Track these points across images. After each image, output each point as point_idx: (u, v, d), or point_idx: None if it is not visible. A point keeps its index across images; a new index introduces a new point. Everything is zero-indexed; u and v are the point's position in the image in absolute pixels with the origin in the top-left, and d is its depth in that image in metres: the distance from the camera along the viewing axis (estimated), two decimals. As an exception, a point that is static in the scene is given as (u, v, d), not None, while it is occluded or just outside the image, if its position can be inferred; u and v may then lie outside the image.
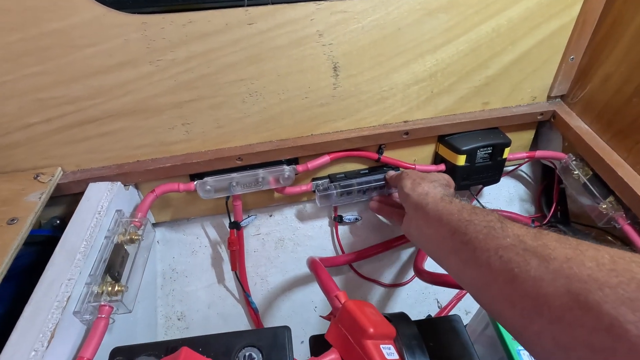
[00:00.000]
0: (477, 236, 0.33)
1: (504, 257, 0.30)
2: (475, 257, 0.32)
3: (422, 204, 0.41)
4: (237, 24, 0.45)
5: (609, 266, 0.24)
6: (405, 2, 0.49)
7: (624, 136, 0.52)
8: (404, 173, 0.49)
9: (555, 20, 0.55)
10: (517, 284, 0.28)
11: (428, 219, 0.40)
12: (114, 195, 0.48)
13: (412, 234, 0.44)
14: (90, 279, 0.40)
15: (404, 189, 0.45)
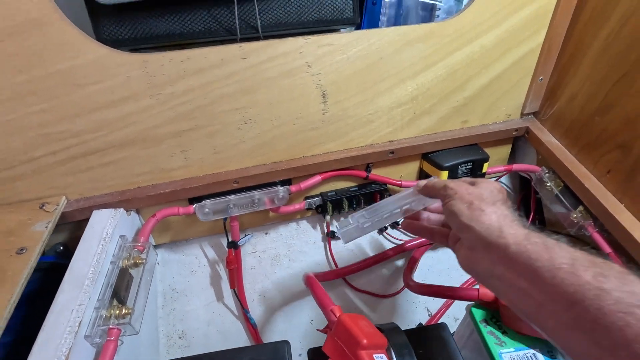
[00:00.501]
0: (614, 321, 0.24)
1: None
2: (614, 345, 0.24)
3: (497, 244, 0.31)
4: (232, 59, 0.49)
5: None
6: (386, 34, 0.53)
7: (590, 150, 0.57)
8: (451, 189, 0.37)
9: (524, 45, 0.60)
10: None
11: (514, 268, 0.30)
12: (117, 222, 0.50)
13: (481, 276, 0.35)
14: (99, 303, 0.42)
15: (460, 218, 0.35)
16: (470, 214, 0.34)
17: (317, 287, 0.48)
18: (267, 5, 0.52)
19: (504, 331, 0.45)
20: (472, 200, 0.35)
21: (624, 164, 0.51)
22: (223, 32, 0.52)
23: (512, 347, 0.44)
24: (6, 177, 0.48)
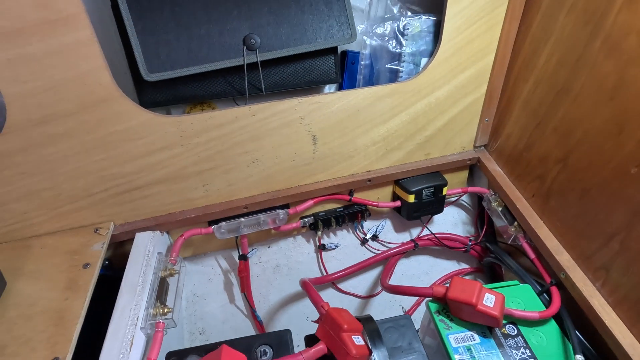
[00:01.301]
0: None
1: None
2: None
3: None
4: (244, 116, 0.64)
5: None
6: (361, 93, 0.69)
7: (521, 178, 0.73)
8: None
9: (470, 95, 0.76)
10: None
11: None
12: (155, 242, 0.65)
13: None
14: (148, 304, 0.57)
15: None
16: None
17: (310, 289, 0.63)
18: (269, 71, 0.67)
19: (452, 319, 0.61)
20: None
21: (542, 191, 0.67)
22: (235, 93, 0.68)
23: (457, 330, 0.59)
24: (70, 209, 0.62)
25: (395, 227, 0.88)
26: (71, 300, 0.53)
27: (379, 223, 0.86)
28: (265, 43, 0.63)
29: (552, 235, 0.65)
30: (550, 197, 0.66)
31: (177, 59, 0.60)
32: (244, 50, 0.62)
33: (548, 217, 0.67)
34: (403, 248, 0.82)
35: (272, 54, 0.63)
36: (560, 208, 0.63)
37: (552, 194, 0.65)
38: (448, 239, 0.85)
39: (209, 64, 0.61)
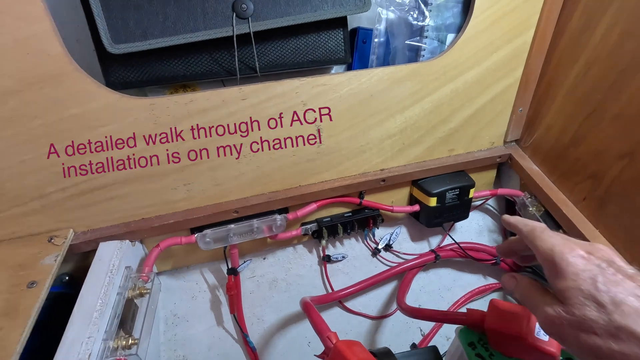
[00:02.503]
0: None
1: None
2: None
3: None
4: (232, 100, 0.52)
5: None
6: (375, 74, 0.57)
7: (566, 178, 0.61)
8: (563, 260, 0.28)
9: (503, 80, 0.64)
10: None
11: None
12: (123, 253, 0.53)
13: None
14: (107, 335, 0.44)
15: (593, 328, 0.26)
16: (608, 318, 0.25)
17: (313, 313, 0.50)
18: (265, 48, 0.56)
19: (491, 354, 0.48)
20: (597, 279, 0.27)
21: (597, 193, 0.55)
22: (224, 73, 0.56)
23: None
24: (18, 213, 0.50)
25: (412, 235, 0.76)
26: (6, 330, 0.41)
27: (393, 231, 0.74)
28: (260, 10, 0.51)
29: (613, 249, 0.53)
30: (608, 201, 0.53)
31: (150, 27, 0.48)
32: (233, 19, 0.50)
33: (606, 224, 0.54)
34: (422, 260, 0.70)
35: (267, 23, 0.52)
36: (624, 213, 0.51)
37: (611, 196, 0.53)
38: (474, 250, 0.72)
39: (190, 35, 0.50)
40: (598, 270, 0.27)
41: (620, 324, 0.25)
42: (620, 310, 0.25)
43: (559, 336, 0.28)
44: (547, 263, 0.30)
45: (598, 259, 0.28)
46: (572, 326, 0.27)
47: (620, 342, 0.25)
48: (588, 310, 0.26)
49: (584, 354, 0.26)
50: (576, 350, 0.27)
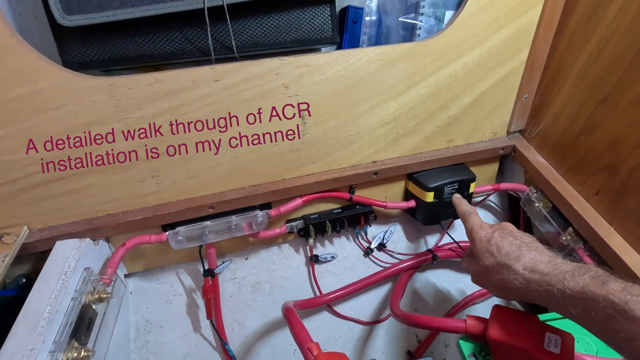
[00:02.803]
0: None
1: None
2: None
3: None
4: (204, 81, 0.47)
5: None
6: (365, 54, 0.51)
7: (577, 171, 0.55)
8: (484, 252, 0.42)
9: (507, 64, 0.59)
10: None
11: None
12: (82, 253, 0.47)
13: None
14: (55, 346, 0.39)
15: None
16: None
17: (294, 320, 0.45)
18: (242, 25, 0.50)
19: (494, 366, 0.43)
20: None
21: (612, 186, 0.50)
22: (197, 53, 0.50)
23: (502, 383, 0.41)
24: (-39, 208, 0.45)
25: (407, 234, 0.70)
26: None
27: (387, 228, 0.68)
28: (234, -21, 0.46)
29: (629, 247, 0.47)
30: (625, 194, 0.48)
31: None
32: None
33: (621, 220, 0.49)
34: (418, 260, 0.64)
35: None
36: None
37: (628, 189, 0.47)
38: (475, 250, 0.67)
39: (155, 6, 0.44)
40: (493, 237, 0.42)
41: (500, 262, 0.39)
42: (500, 254, 0.40)
43: (480, 282, 0.44)
44: (469, 237, 0.46)
45: (496, 230, 0.43)
46: (482, 273, 0.42)
47: (501, 273, 0.39)
48: (487, 259, 0.41)
49: (493, 289, 0.41)
50: (489, 288, 0.42)
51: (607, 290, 0.30)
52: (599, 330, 0.31)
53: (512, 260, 0.38)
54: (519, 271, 0.37)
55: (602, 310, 0.30)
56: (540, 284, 0.35)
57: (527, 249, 0.39)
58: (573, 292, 0.32)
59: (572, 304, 0.32)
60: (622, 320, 0.29)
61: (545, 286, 0.34)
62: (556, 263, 0.36)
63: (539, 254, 0.38)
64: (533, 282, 0.36)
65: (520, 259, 0.38)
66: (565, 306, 0.33)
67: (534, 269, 0.36)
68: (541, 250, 0.39)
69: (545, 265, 0.36)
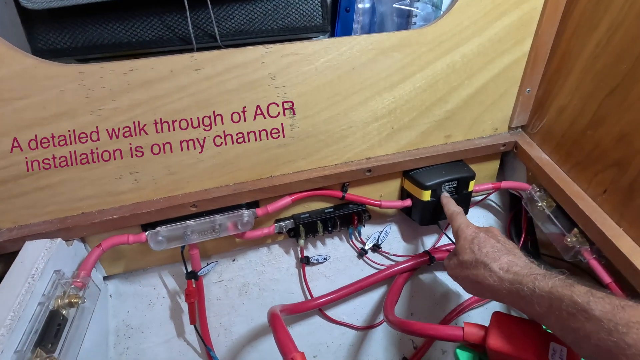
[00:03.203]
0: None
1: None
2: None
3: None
4: (183, 70, 0.43)
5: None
6: (357, 42, 0.48)
7: (583, 168, 0.52)
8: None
9: (508, 55, 0.55)
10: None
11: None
12: (52, 254, 0.44)
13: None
14: (17, 356, 0.36)
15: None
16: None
17: (279, 327, 0.42)
18: (226, 11, 0.47)
19: (493, 378, 0.40)
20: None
21: (621, 184, 0.46)
22: (177, 41, 0.47)
23: (503, 397, 0.38)
24: None
25: (403, 234, 0.67)
26: None
27: (382, 229, 0.65)
28: (215, -39, 0.43)
29: (639, 249, 0.44)
30: (635, 193, 0.45)
31: (77, -23, 0.39)
32: (181, -30, 0.42)
33: (630, 221, 0.46)
34: (414, 262, 0.61)
35: (224, -24, 0.43)
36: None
37: (639, 187, 0.44)
38: (474, 251, 0.63)
39: (128, -11, 0.41)
40: (477, 236, 0.45)
41: (479, 259, 0.42)
42: (480, 252, 0.42)
43: (455, 275, 0.46)
44: (454, 234, 0.49)
45: (482, 231, 0.46)
46: (458, 266, 0.45)
47: (477, 268, 0.41)
48: (467, 255, 0.43)
49: (466, 282, 0.44)
50: (463, 281, 0.44)
51: (572, 291, 0.32)
52: (560, 328, 0.33)
53: (490, 259, 0.41)
54: (494, 269, 0.39)
55: (565, 309, 0.32)
56: (513, 282, 0.37)
57: (507, 252, 0.41)
58: (542, 292, 0.34)
59: (539, 303, 0.34)
60: (582, 319, 0.31)
61: (516, 285, 0.36)
62: (531, 267, 0.38)
63: (516, 258, 0.40)
64: (506, 281, 0.38)
65: (498, 260, 0.40)
66: (532, 304, 0.35)
67: (509, 270, 0.39)
68: (519, 256, 0.41)
69: (520, 268, 0.38)
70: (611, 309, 0.30)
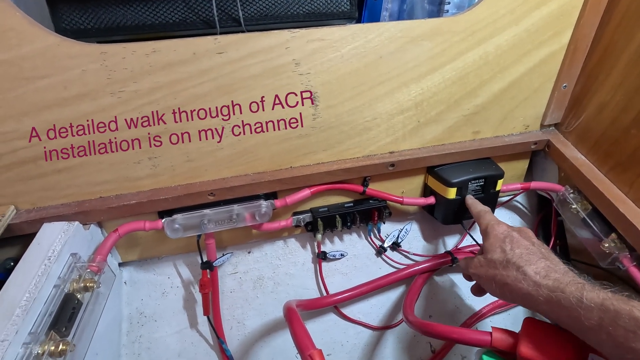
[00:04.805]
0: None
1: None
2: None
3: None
4: (206, 53, 0.42)
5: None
6: (386, 29, 0.46)
7: (624, 169, 0.49)
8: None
9: (545, 47, 0.52)
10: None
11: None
12: (69, 237, 0.43)
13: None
14: (31, 337, 0.35)
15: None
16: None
17: (296, 323, 0.40)
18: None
19: (523, 388, 0.37)
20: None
21: (669, 187, 0.43)
22: (201, 25, 0.46)
23: (533, 409, 0.35)
24: (-57, 183, 0.42)
25: (424, 233, 0.65)
26: None
27: (402, 226, 0.63)
28: (242, -60, 0.41)
29: (688, 259, 0.40)
30: (687, 197, 0.41)
31: (103, -45, 0.39)
32: (208, -51, 0.40)
33: (680, 228, 0.42)
34: (435, 263, 0.58)
35: (251, -44, 0.41)
36: None
37: (691, 191, 0.40)
38: (499, 254, 0.60)
39: (154, -32, 0.40)
40: (509, 235, 0.41)
41: (511, 260, 0.38)
42: (513, 253, 0.39)
43: (478, 275, 0.42)
44: (483, 232, 0.45)
45: (515, 231, 0.42)
46: (485, 265, 0.41)
47: (507, 269, 0.38)
48: (496, 254, 0.40)
49: (489, 282, 0.40)
50: (487, 282, 0.41)
51: (632, 306, 0.29)
52: (614, 346, 0.30)
53: (524, 262, 0.37)
54: (529, 273, 0.36)
55: (623, 325, 0.28)
56: (554, 290, 0.33)
57: (542, 256, 0.38)
58: (591, 303, 0.31)
59: (587, 316, 0.31)
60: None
61: (558, 292, 0.33)
62: (573, 275, 0.35)
63: (552, 264, 0.37)
64: (544, 287, 0.34)
65: (532, 263, 0.37)
66: (578, 317, 0.31)
67: (547, 276, 0.35)
68: (557, 262, 0.38)
69: (561, 275, 0.35)
70: None
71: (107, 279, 0.46)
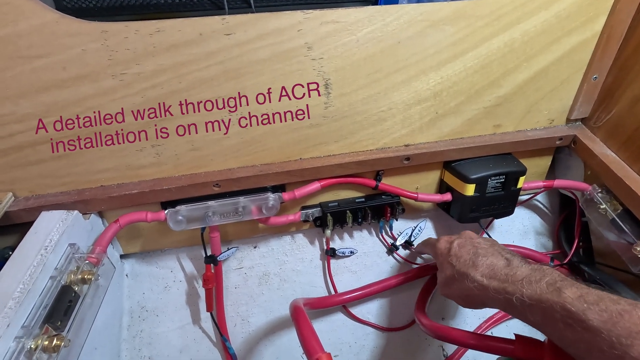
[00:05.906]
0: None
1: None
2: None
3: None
4: (213, 35, 0.40)
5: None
6: (406, 12, 0.43)
7: (661, 167, 0.45)
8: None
9: (576, 34, 0.49)
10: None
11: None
12: (67, 227, 0.41)
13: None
14: (24, 331, 0.33)
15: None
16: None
17: (303, 323, 0.38)
18: (262, -27, 0.43)
19: (549, 402, 0.34)
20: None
21: None
22: (208, 4, 0.44)
23: None
24: (-62, 167, 0.40)
25: (439, 231, 0.62)
26: None
27: (416, 224, 0.60)
28: None
29: None
30: None
31: None
32: None
33: None
34: (450, 263, 0.55)
35: None
36: None
37: None
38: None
39: (159, -59, 0.37)
40: (450, 246, 0.42)
41: (459, 270, 0.39)
42: (459, 263, 0.39)
43: (445, 294, 0.42)
44: (432, 255, 0.46)
45: (455, 240, 0.43)
46: (445, 284, 0.41)
47: (461, 282, 0.38)
48: (447, 269, 0.41)
49: (457, 299, 0.41)
50: (454, 298, 0.41)
51: (564, 299, 0.29)
52: (559, 339, 0.30)
53: (470, 267, 0.38)
54: (477, 278, 0.36)
55: (560, 319, 0.29)
56: (499, 291, 0.34)
57: (484, 255, 0.38)
58: (531, 301, 0.31)
59: (531, 313, 0.32)
60: (580, 329, 0.28)
61: (504, 294, 0.33)
62: (512, 267, 0.35)
63: (495, 258, 0.37)
64: (491, 290, 0.35)
65: (478, 266, 0.37)
66: (525, 315, 0.32)
67: (492, 276, 0.36)
68: (497, 254, 0.38)
69: (502, 271, 0.35)
70: (609, 317, 0.27)
71: (107, 271, 0.44)
